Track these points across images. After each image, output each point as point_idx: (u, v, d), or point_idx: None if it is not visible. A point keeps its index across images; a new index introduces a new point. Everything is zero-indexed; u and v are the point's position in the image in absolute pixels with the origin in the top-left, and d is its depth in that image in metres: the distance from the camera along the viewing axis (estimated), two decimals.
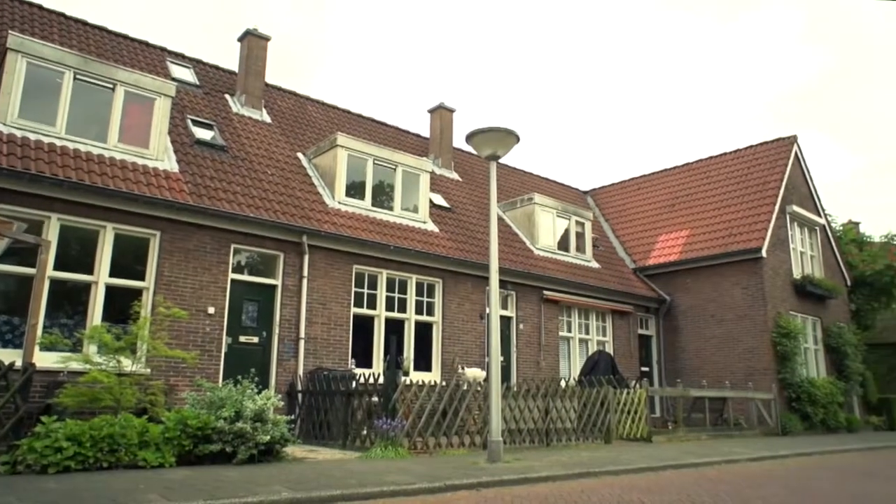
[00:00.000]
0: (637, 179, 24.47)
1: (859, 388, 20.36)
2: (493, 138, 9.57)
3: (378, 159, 14.51)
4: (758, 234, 18.17)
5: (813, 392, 17.54)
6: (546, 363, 16.18)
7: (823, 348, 19.82)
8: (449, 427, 10.26)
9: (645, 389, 13.96)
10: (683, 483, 7.93)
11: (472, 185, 19.12)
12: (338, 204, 13.61)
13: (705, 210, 20.49)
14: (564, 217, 18.85)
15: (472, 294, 14.87)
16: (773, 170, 19.99)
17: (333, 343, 12.40)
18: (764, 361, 17.43)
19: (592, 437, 12.37)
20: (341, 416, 10.35)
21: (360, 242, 12.91)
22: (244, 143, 13.78)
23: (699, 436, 14.65)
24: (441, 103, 19.17)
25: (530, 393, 11.48)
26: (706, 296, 18.86)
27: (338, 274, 12.71)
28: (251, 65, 15.42)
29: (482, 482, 7.06)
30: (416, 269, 13.92)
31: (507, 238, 17.19)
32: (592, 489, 7.15)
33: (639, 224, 22.22)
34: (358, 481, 6.60)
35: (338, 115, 18.18)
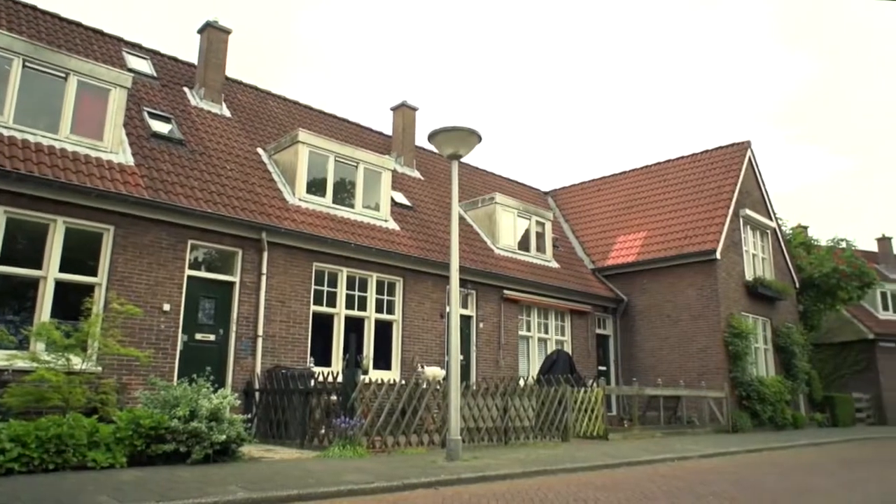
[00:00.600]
0: (597, 181, 24.84)
1: (805, 386, 21.06)
2: (455, 137, 9.60)
3: (339, 156, 14.40)
4: (712, 237, 18.63)
5: (762, 390, 18.07)
6: (505, 362, 16.30)
7: (773, 348, 20.44)
8: (408, 426, 10.25)
9: (602, 388, 14.18)
10: (638, 480, 8.09)
11: (433, 183, 19.13)
12: (298, 201, 13.47)
13: (662, 212, 20.91)
14: (525, 217, 19.01)
15: (433, 293, 14.89)
16: (727, 174, 20.52)
17: (292, 341, 12.27)
18: (716, 361, 17.89)
19: (550, 435, 12.51)
20: (299, 415, 10.25)
21: (320, 240, 12.80)
22: (203, 138, 13.53)
23: (654, 433, 14.96)
24: (404, 101, 19.13)
25: (489, 392, 11.56)
26: (662, 296, 19.26)
27: (297, 271, 12.59)
28: (211, 57, 15.13)
29: (440, 480, 7.09)
30: (376, 267, 13.87)
31: (468, 237, 17.26)
32: (549, 487, 7.24)
33: (598, 225, 22.56)
34: (316, 480, 6.56)
35: (299, 111, 17.99)
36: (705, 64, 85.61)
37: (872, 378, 26.47)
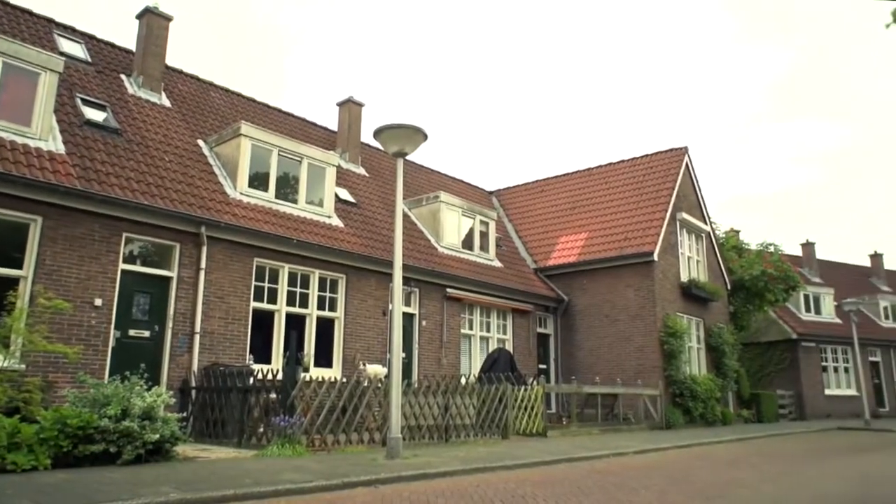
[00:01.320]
0: (541, 182, 25.20)
1: (734, 384, 21.94)
2: (400, 135, 9.58)
3: (283, 150, 14.17)
4: (651, 239, 19.17)
5: (694, 388, 18.72)
6: (447, 360, 16.39)
7: (705, 347, 21.19)
8: (349, 424, 10.19)
9: (542, 386, 14.42)
10: (575, 476, 8.28)
11: (378, 180, 19.05)
12: (239, 195, 13.19)
13: (603, 214, 21.39)
14: (469, 216, 19.14)
15: (376, 290, 14.83)
16: (665, 178, 21.15)
17: (231, 338, 12.01)
18: (652, 359, 18.43)
19: (490, 432, 12.64)
20: (237, 414, 10.05)
21: (261, 235, 12.57)
22: (140, 127, 13.08)
23: (591, 430, 15.30)
24: (350, 97, 18.97)
25: (430, 389, 11.60)
26: (602, 296, 19.71)
27: (237, 267, 12.33)
28: (150, 45, 14.63)
29: (380, 479, 7.08)
30: (319, 263, 13.71)
31: (413, 235, 17.26)
32: (488, 483, 7.32)
33: (541, 225, 22.90)
34: (253, 480, 6.45)
35: (242, 104, 17.60)
36: (659, 65, 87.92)
37: (795, 376, 27.79)
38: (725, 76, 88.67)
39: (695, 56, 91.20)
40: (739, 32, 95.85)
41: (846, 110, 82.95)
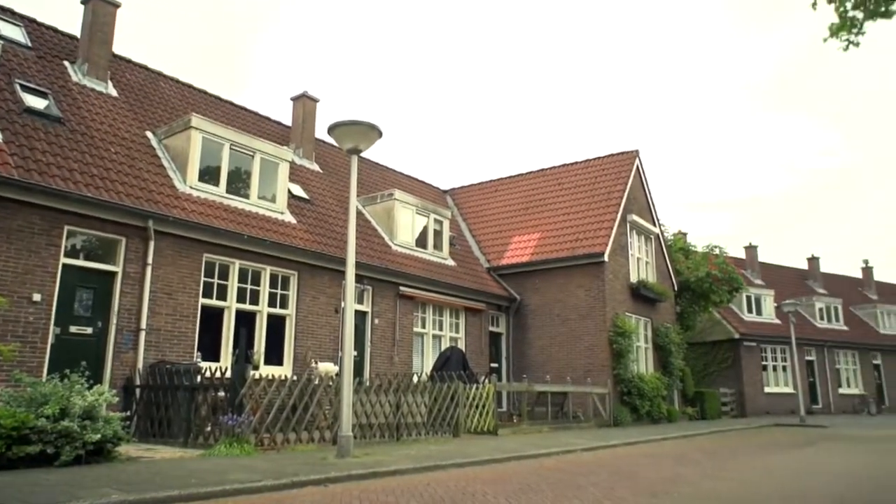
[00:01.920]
0: (495, 182, 25.38)
1: (679, 382, 22.54)
2: (355, 132, 9.51)
3: (235, 144, 13.90)
4: (602, 241, 19.52)
5: (642, 386, 19.16)
6: (400, 358, 16.36)
7: (652, 346, 21.71)
8: (298, 423, 10.08)
9: (493, 385, 14.54)
10: (524, 473, 8.37)
11: (332, 177, 18.87)
12: (189, 189, 12.88)
13: (556, 215, 21.67)
14: (424, 214, 19.14)
15: (329, 288, 14.70)
16: (617, 180, 21.57)
17: (178, 335, 11.73)
18: (602, 358, 18.78)
19: (442, 430, 12.68)
20: (184, 413, 9.83)
21: (212, 230, 12.30)
22: (85, 117, 12.63)
23: (541, 428, 15.50)
24: (305, 92, 18.73)
25: (382, 388, 11.57)
26: (553, 296, 19.98)
27: (186, 262, 12.04)
28: (96, 31, 14.13)
29: (330, 477, 7.02)
30: (270, 260, 13.51)
31: (366, 233, 17.16)
32: (439, 481, 7.35)
33: (494, 225, 23.06)
34: (198, 480, 6.31)
35: (193, 95, 17.18)
36: (619, 66, 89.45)
37: (736, 374, 28.75)
38: (687, 77, 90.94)
39: (659, 54, 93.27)
40: (705, 33, 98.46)
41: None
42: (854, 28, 7.97)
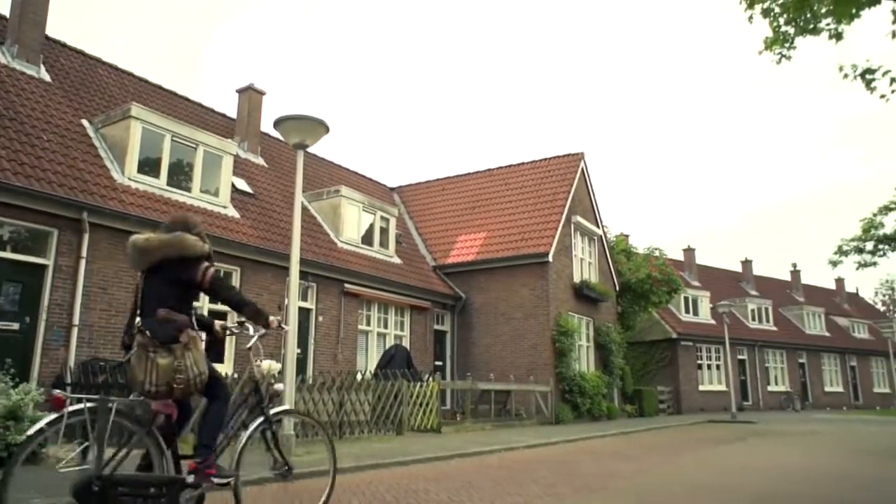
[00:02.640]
0: (442, 180, 25.45)
1: (619, 380, 23.11)
2: (302, 126, 9.39)
3: (177, 136, 13.51)
4: (546, 241, 19.82)
5: (583, 385, 19.56)
6: (343, 356, 16.23)
7: (594, 345, 22.18)
8: None
9: (437, 383, 14.60)
10: (467, 471, 8.44)
11: (278, 171, 18.56)
12: (128, 180, 12.45)
13: (502, 214, 21.89)
14: (370, 212, 19.04)
15: (272, 284, 14.46)
16: (562, 182, 21.93)
17: (114, 331, 11.31)
18: (545, 357, 19.07)
19: (385, 429, 12.66)
20: None
21: (151, 224, 11.88)
22: (14, 101, 12.05)
23: (484, 426, 15.65)
24: (251, 84, 18.36)
25: (325, 386, 11.47)
26: (498, 295, 20.17)
27: (123, 256, 11.59)
28: (28, 11, 13.46)
29: (268, 478, 6.90)
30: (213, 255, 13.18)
31: (312, 229, 16.96)
32: (381, 480, 7.34)
33: (441, 223, 23.13)
34: None
35: (133, 84, 16.60)
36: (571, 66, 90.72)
37: (673, 373, 29.67)
38: (635, 81, 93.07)
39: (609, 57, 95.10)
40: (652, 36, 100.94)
41: None
42: (786, 42, 8.33)
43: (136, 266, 4.22)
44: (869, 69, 8.46)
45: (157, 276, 4.15)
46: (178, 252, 4.14)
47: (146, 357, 3.87)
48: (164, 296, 4.07)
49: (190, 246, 4.19)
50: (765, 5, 8.27)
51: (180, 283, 4.16)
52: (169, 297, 4.10)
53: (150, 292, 4.09)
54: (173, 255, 4.12)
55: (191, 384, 4.03)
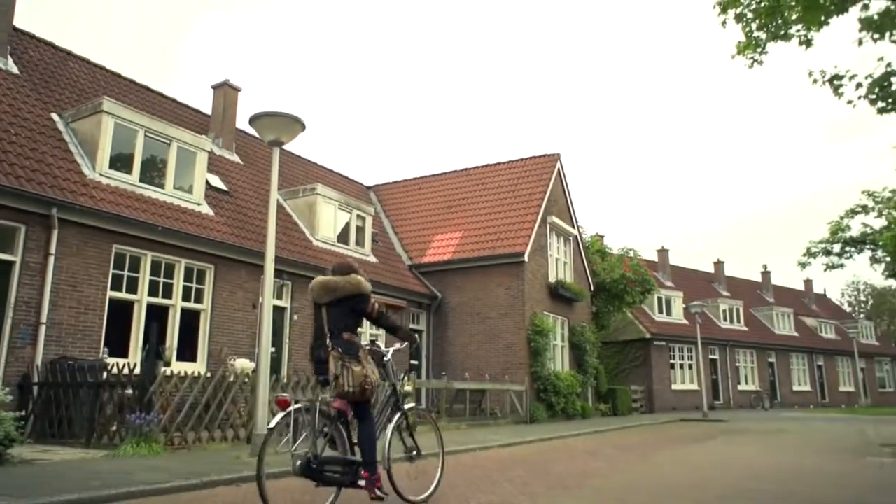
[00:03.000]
0: (419, 179, 25.44)
1: (593, 380, 23.32)
2: (278, 123, 9.31)
3: (150, 131, 13.32)
4: (522, 241, 19.91)
5: (557, 384, 19.69)
6: None
7: (568, 345, 22.34)
8: (212, 421, 9.80)
9: (412, 382, 14.59)
10: None
11: (253, 169, 18.39)
12: (99, 176, 12.24)
13: (478, 214, 21.94)
14: (346, 210, 18.96)
15: (246, 282, 14.32)
16: (538, 182, 22.05)
17: (83, 330, 11.13)
18: (520, 356, 19.17)
19: None
20: (86, 412, 9.35)
21: (122, 220, 11.74)
22: None
23: (459, 425, 15.67)
24: (226, 80, 18.17)
25: (300, 385, 11.40)
26: (474, 294, 20.22)
27: (94, 253, 11.44)
28: None
29: (242, 477, 6.86)
30: (186, 252, 13.03)
31: (287, 227, 16.83)
32: None
33: (417, 222, 23.12)
34: (101, 482, 6.02)
35: (106, 78, 16.31)
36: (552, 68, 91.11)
37: (646, 372, 30.04)
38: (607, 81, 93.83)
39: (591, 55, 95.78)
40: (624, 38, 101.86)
41: None
42: (758, 47, 8.48)
43: (321, 300, 5.37)
44: (837, 75, 8.65)
45: (338, 308, 5.30)
46: (356, 290, 5.33)
47: (344, 367, 5.05)
48: (345, 323, 5.27)
49: (363, 286, 5.38)
50: (738, 11, 8.42)
51: (354, 313, 5.38)
52: (348, 323, 5.30)
53: (333, 320, 5.26)
54: (352, 293, 5.31)
55: (372, 387, 5.17)
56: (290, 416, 4.80)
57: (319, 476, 4.92)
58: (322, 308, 5.37)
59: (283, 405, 4.84)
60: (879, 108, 8.57)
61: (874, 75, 8.44)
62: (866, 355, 43.96)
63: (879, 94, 8.46)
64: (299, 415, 4.88)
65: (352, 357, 5.12)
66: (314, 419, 4.99)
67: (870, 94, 8.56)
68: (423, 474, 5.96)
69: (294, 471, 4.83)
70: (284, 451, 4.75)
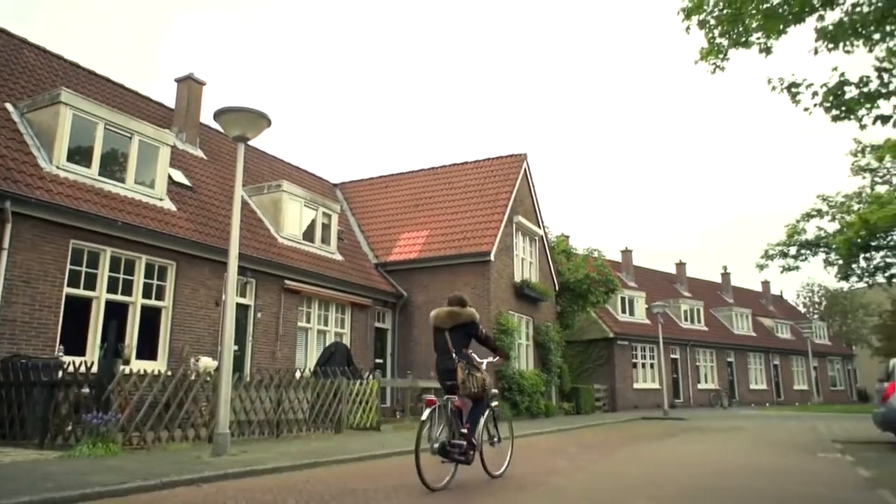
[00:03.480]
0: (386, 177, 25.35)
1: (557, 379, 23.56)
2: (243, 119, 9.20)
3: (111, 124, 13.00)
4: (488, 240, 20.00)
5: (522, 383, 19.83)
6: (283, 353, 15.98)
7: (533, 344, 22.51)
8: (172, 420, 9.62)
9: (377, 380, 14.55)
10: (405, 468, 8.40)
11: (217, 164, 18.11)
12: (56, 169, 11.91)
13: (445, 213, 21.96)
14: (312, 207, 18.79)
15: (209, 280, 14.10)
16: (505, 182, 22.16)
17: (38, 327, 10.82)
18: None
19: (324, 427, 12.54)
20: (40, 411, 9.10)
21: (81, 215, 11.44)
22: None
23: None
24: (190, 74, 17.84)
25: (263, 383, 11.28)
26: (440, 293, 20.18)
27: (50, 248, 11.12)
28: None
29: (203, 477, 6.76)
30: (146, 248, 12.76)
31: (252, 224, 16.63)
32: (318, 478, 7.27)
33: (383, 221, 23.03)
34: (55, 484, 5.87)
35: (64, 68, 15.87)
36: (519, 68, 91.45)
37: (610, 371, 30.45)
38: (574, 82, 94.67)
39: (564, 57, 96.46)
40: None
41: None
42: (720, 54, 8.67)
43: (444, 325, 7.14)
44: (794, 83, 8.88)
45: (457, 332, 7.12)
46: (471, 319, 7.22)
47: (470, 375, 6.87)
48: (463, 343, 7.12)
49: (476, 316, 7.35)
50: (701, 17, 8.59)
51: (468, 336, 7.23)
52: (465, 343, 7.15)
53: (455, 341, 7.04)
54: (468, 321, 7.18)
55: (488, 389, 7.13)
56: (436, 411, 6.57)
57: (448, 455, 6.60)
58: (445, 332, 7.11)
59: (430, 404, 6.51)
60: (833, 116, 8.83)
61: (829, 84, 8.71)
62: (819, 355, 45.34)
63: (834, 102, 8.72)
64: (439, 410, 6.64)
65: (473, 367, 7.00)
66: (446, 413, 6.72)
67: (825, 102, 8.81)
68: (500, 454, 7.65)
69: (432, 451, 6.48)
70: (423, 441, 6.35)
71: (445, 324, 7.12)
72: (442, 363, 7.04)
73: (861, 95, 8.53)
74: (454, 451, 6.61)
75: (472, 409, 7.00)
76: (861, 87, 8.56)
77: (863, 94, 8.52)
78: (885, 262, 27.34)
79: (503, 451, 7.75)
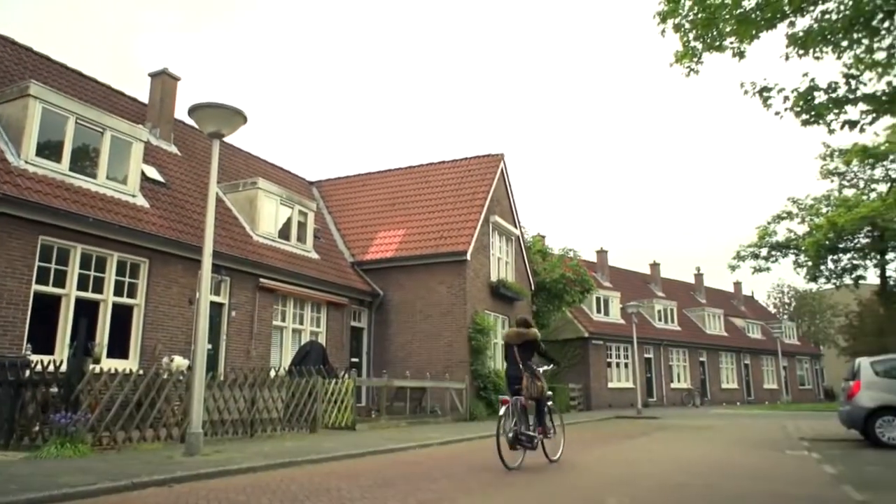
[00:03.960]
0: (362, 176, 25.26)
1: None
2: (218, 115, 9.11)
3: (82, 119, 12.77)
4: (465, 239, 20.03)
5: (497, 382, 19.87)
6: (257, 352, 15.85)
7: None
8: (143, 419, 9.49)
9: (353, 380, 14.50)
10: (380, 467, 8.44)
11: (192, 161, 17.88)
12: (24, 164, 11.66)
13: (422, 212, 21.94)
14: (288, 205, 18.66)
15: (182, 277, 13.93)
16: (482, 182, 22.21)
17: (4, 325, 10.59)
18: (460, 354, 19.28)
19: (299, 426, 12.46)
20: (6, 411, 8.90)
21: (50, 211, 11.22)
22: None
23: (399, 423, 15.67)
24: (165, 69, 17.58)
25: (237, 382, 11.18)
26: (416, 292, 20.22)
27: (17, 245, 10.89)
28: None
29: (175, 477, 6.69)
30: (118, 245, 12.56)
31: (226, 221, 16.46)
32: (293, 478, 7.23)
33: (360, 219, 22.94)
34: (20, 486, 5.75)
35: (33, 60, 15.54)
36: None
37: (584, 370, 30.68)
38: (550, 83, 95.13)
39: None
40: None
41: None
42: (695, 57, 8.79)
43: (513, 342, 9.00)
44: (766, 87, 9.04)
45: (523, 347, 8.93)
46: (534, 337, 9.09)
47: (533, 382, 8.63)
48: (528, 356, 8.93)
49: (538, 335, 9.26)
50: (676, 21, 8.71)
51: (532, 350, 9.05)
52: (529, 356, 8.95)
53: (522, 355, 8.84)
54: (532, 339, 9.04)
55: (545, 393, 8.86)
56: (510, 407, 8.31)
57: (520, 442, 8.26)
58: (513, 347, 8.93)
59: (504, 402, 8.32)
60: (803, 121, 9.02)
61: (800, 89, 8.89)
62: (788, 354, 46.22)
63: (804, 107, 8.91)
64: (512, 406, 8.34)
65: (535, 376, 8.72)
66: (517, 410, 8.42)
67: (795, 107, 9.00)
68: (555, 443, 9.22)
69: (508, 440, 8.08)
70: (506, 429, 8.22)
71: (514, 341, 9.00)
72: (511, 371, 8.92)
73: (830, 101, 8.73)
74: (523, 439, 8.30)
75: (537, 408, 8.78)
76: (830, 93, 8.75)
77: (831, 99, 8.71)
78: (852, 265, 28.00)
79: (557, 440, 9.31)
